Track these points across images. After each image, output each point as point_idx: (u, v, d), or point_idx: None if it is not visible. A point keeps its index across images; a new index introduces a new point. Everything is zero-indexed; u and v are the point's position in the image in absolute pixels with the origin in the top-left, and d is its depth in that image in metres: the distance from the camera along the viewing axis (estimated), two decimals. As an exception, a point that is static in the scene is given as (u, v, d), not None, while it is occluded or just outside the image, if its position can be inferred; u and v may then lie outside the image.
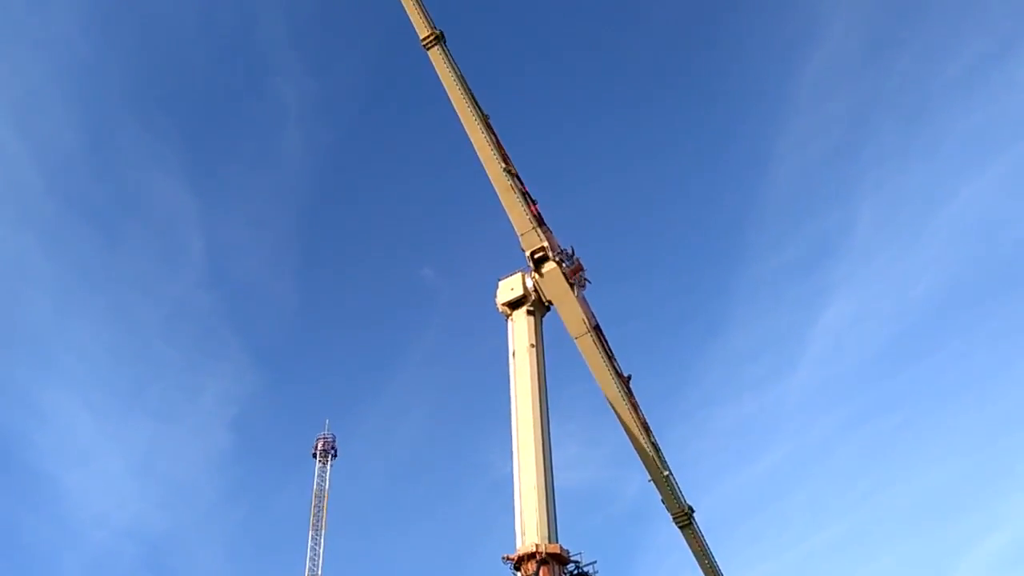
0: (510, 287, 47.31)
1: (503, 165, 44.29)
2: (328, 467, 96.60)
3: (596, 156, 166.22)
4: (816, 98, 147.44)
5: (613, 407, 43.04)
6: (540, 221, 44.93)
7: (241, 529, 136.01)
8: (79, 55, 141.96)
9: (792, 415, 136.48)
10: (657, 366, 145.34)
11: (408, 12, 46.15)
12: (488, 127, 44.95)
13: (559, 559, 39.89)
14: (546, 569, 39.14)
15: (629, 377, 44.21)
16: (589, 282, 46.49)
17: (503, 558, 40.57)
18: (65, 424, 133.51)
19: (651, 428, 43.29)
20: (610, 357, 43.86)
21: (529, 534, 40.25)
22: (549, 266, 44.53)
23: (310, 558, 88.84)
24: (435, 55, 45.51)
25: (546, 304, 46.75)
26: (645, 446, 42.35)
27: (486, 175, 45.05)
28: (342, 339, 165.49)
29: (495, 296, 48.01)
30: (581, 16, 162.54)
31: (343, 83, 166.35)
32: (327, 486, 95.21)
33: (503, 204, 44.68)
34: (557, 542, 40.30)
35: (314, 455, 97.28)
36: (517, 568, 39.98)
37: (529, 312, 46.63)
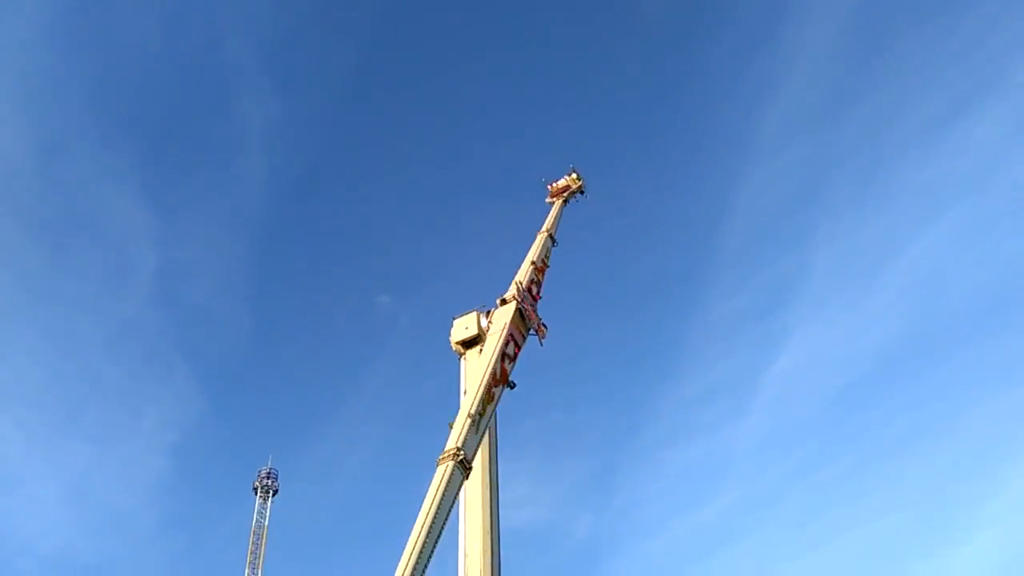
0: (464, 326, 46.79)
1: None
2: (268, 503, 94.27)
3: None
4: (775, 148, 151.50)
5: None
6: (533, 298, 46.14)
7: (177, 562, 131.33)
8: (37, 62, 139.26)
9: (743, 460, 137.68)
10: (611, 408, 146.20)
11: None
12: None
13: (502, 606, 39.00)
14: (488, 616, 38.20)
15: (512, 384, 42.56)
16: (542, 335, 46.80)
17: (444, 604, 39.53)
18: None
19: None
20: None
21: (472, 579, 39.33)
22: (511, 303, 44.95)
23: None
24: None
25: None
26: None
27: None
28: (293, 368, 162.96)
29: (449, 334, 47.53)
30: (556, 63, 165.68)
31: (309, 106, 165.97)
32: (266, 522, 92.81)
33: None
34: (501, 588, 39.45)
35: (255, 490, 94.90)
36: (458, 614, 38.98)
37: (482, 352, 46.22)
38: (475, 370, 45.68)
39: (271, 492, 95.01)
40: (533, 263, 47.41)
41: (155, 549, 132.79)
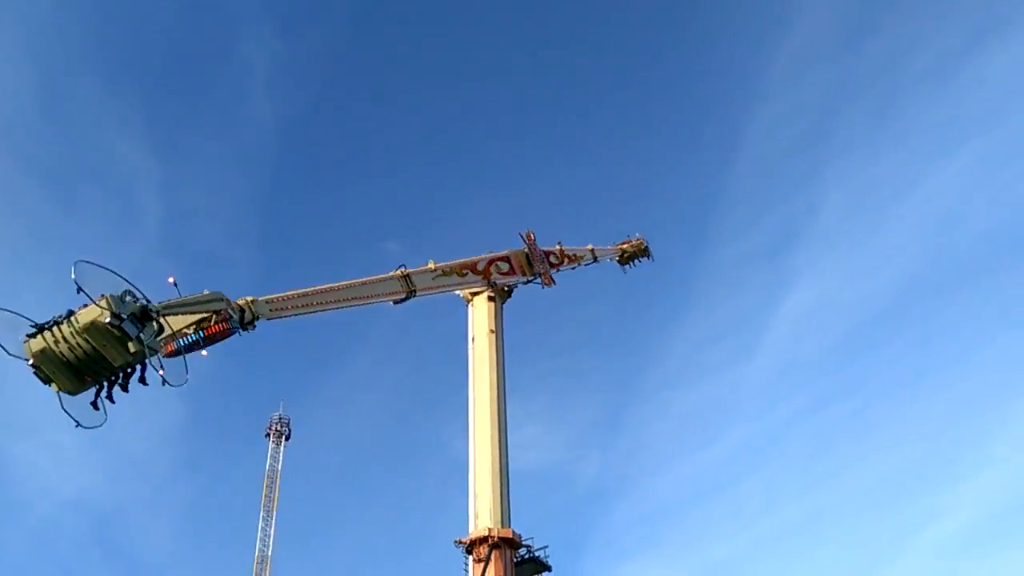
0: (472, 272, 47.44)
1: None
2: (281, 448, 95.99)
3: (565, 141, 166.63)
4: (787, 85, 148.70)
5: None
6: (549, 263, 48.61)
7: (192, 505, 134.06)
8: (36, 6, 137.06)
9: (750, 400, 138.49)
10: (619, 348, 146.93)
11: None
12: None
13: (511, 543, 40.19)
14: (497, 553, 39.39)
15: (494, 284, 45.85)
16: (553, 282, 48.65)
17: (455, 542, 40.75)
18: (11, 392, 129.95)
19: None
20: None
21: (482, 518, 40.46)
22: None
23: (260, 539, 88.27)
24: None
25: (506, 290, 47.42)
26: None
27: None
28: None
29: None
30: (555, 6, 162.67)
31: (312, 47, 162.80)
32: (280, 467, 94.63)
33: None
34: (510, 526, 40.58)
35: (267, 435, 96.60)
36: (469, 552, 40.20)
37: (490, 298, 46.87)
38: (482, 315, 46.48)
39: (284, 437, 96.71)
40: (560, 244, 49.45)
41: (171, 493, 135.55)
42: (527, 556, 41.31)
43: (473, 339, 46.32)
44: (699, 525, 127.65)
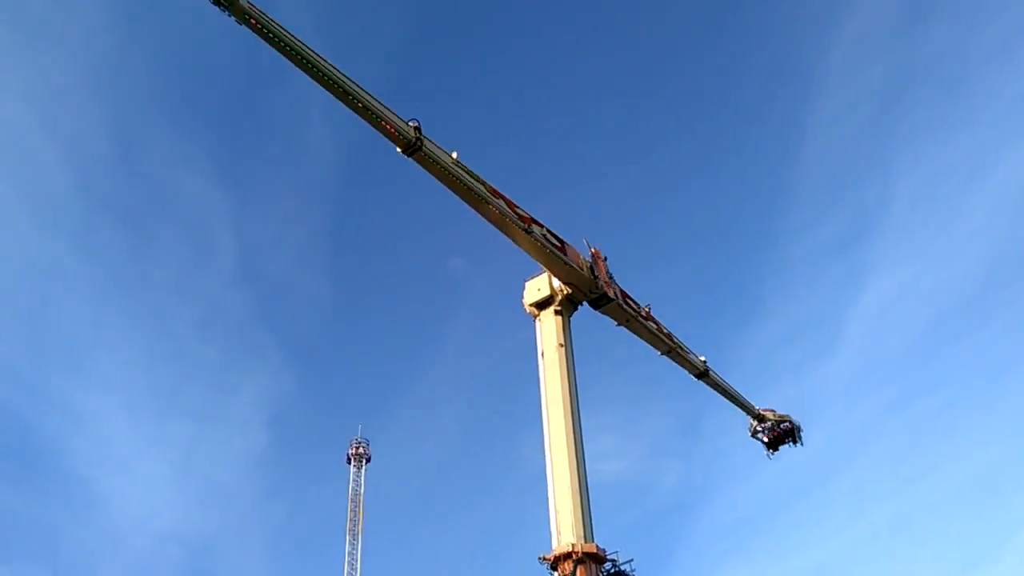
0: (536, 288, 47.32)
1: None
2: (362, 472, 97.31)
3: (626, 140, 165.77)
4: (849, 70, 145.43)
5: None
6: (623, 297, 48.76)
7: (281, 530, 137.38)
8: (102, 53, 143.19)
9: (833, 399, 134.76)
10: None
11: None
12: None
13: (595, 558, 39.78)
14: (583, 569, 39.04)
15: (529, 231, 43.76)
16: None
17: (539, 558, 40.55)
18: (103, 427, 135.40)
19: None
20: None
21: (564, 534, 40.18)
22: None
23: (348, 563, 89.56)
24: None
25: (575, 302, 47.31)
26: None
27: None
28: (374, 334, 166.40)
29: (522, 296, 48.05)
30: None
31: (367, 70, 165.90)
32: (362, 490, 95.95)
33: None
34: (593, 541, 40.21)
35: (348, 460, 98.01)
36: (554, 568, 39.95)
37: (557, 312, 46.65)
38: (550, 330, 46.35)
39: (364, 460, 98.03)
40: (649, 307, 50.92)
41: (259, 519, 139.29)
42: (613, 571, 40.82)
43: (543, 354, 46.16)
44: (788, 530, 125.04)
